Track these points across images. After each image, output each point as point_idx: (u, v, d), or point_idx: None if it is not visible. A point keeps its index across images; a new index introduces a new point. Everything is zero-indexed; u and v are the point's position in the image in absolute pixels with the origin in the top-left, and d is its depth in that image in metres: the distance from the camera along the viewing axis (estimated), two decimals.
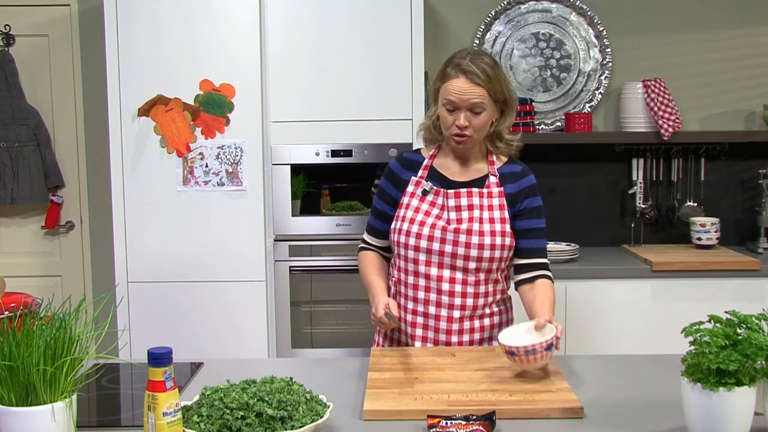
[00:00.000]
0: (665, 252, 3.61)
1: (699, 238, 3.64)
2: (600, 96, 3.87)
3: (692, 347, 1.47)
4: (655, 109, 3.65)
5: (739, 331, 1.46)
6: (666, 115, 3.64)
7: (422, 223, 2.17)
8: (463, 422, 1.54)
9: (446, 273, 2.17)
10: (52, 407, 1.41)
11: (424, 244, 2.16)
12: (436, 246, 2.16)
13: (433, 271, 2.17)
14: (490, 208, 2.18)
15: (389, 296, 2.21)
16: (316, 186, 3.43)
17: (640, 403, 1.76)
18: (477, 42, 3.84)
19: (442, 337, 2.19)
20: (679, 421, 1.60)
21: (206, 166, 3.31)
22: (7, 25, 3.83)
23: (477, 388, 1.81)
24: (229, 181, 3.32)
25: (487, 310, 2.21)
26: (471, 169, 2.24)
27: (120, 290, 3.34)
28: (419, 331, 2.20)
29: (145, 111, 3.29)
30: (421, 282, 2.19)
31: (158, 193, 3.32)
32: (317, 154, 3.36)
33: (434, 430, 1.53)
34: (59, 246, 3.96)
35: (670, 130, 3.61)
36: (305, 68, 3.33)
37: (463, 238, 2.14)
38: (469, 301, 2.17)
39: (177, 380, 1.47)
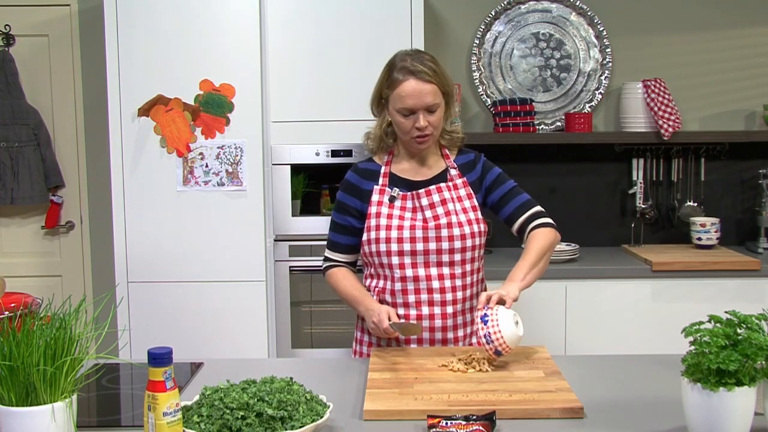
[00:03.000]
0: (665, 252, 3.61)
1: (699, 238, 3.64)
2: (600, 96, 3.87)
3: (692, 347, 1.47)
4: (655, 109, 3.65)
5: (739, 331, 1.46)
6: (666, 115, 3.64)
7: (400, 227, 2.17)
8: (463, 422, 1.54)
9: (433, 271, 2.17)
10: (52, 407, 1.41)
11: (407, 247, 2.17)
12: (419, 246, 2.16)
13: (421, 272, 2.17)
14: (460, 199, 2.21)
15: None
16: (316, 186, 3.43)
17: (640, 403, 1.76)
18: (477, 42, 3.84)
19: (438, 335, 2.19)
20: (679, 421, 1.60)
21: (206, 166, 3.31)
22: (7, 25, 3.84)
23: (477, 388, 1.81)
24: (229, 181, 3.32)
25: (474, 301, 2.23)
26: (429, 166, 2.26)
27: (120, 290, 3.34)
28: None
29: (145, 111, 3.29)
30: (410, 285, 2.18)
31: (158, 193, 3.32)
32: (317, 154, 3.36)
33: (434, 430, 1.53)
34: (59, 246, 3.96)
35: (670, 130, 3.61)
36: (305, 68, 3.33)
37: (444, 232, 2.16)
38: (459, 294, 2.19)
39: (177, 380, 1.47)
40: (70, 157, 3.92)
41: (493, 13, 3.84)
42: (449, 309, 2.18)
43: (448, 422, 1.54)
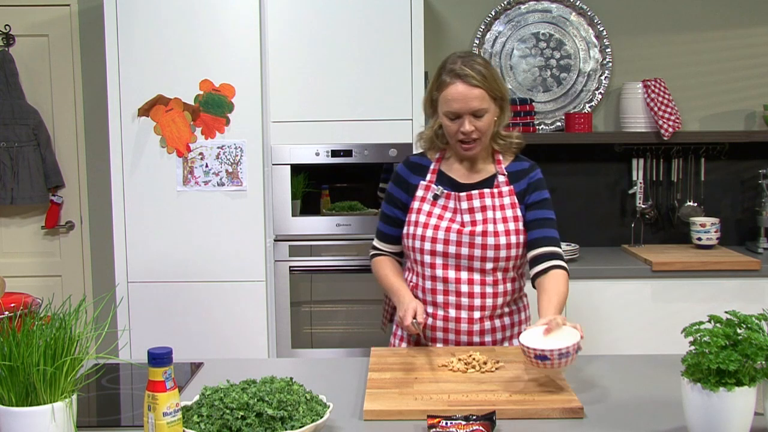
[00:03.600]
0: (665, 252, 3.61)
1: (699, 238, 3.64)
2: (600, 96, 3.87)
3: (692, 347, 1.47)
4: (655, 109, 3.65)
5: (739, 331, 1.46)
6: (666, 115, 3.64)
7: (436, 227, 2.17)
8: (463, 422, 1.54)
9: (464, 275, 2.17)
10: (52, 407, 1.41)
11: (440, 248, 2.16)
12: (452, 249, 2.16)
13: (451, 274, 2.17)
14: (502, 207, 2.18)
15: None
16: (316, 186, 3.43)
17: (640, 403, 1.76)
18: (477, 42, 3.84)
19: (464, 338, 2.19)
20: (679, 421, 1.60)
21: (206, 166, 3.31)
22: (7, 25, 3.84)
23: (477, 388, 1.81)
24: (229, 181, 3.32)
25: (506, 309, 2.22)
26: (479, 170, 2.24)
27: (120, 290, 3.34)
28: (439, 334, 2.21)
29: (145, 111, 3.29)
30: (439, 286, 2.19)
31: (158, 193, 3.32)
32: (317, 154, 3.36)
33: (434, 430, 1.53)
34: (59, 246, 3.96)
35: (670, 130, 3.61)
36: (305, 68, 3.33)
37: (478, 240, 2.14)
38: (488, 302, 2.18)
39: (177, 380, 1.47)
40: (70, 157, 3.92)
41: (493, 13, 3.84)
42: (476, 314, 2.18)
43: (448, 422, 1.54)
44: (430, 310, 2.20)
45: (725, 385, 1.41)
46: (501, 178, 2.21)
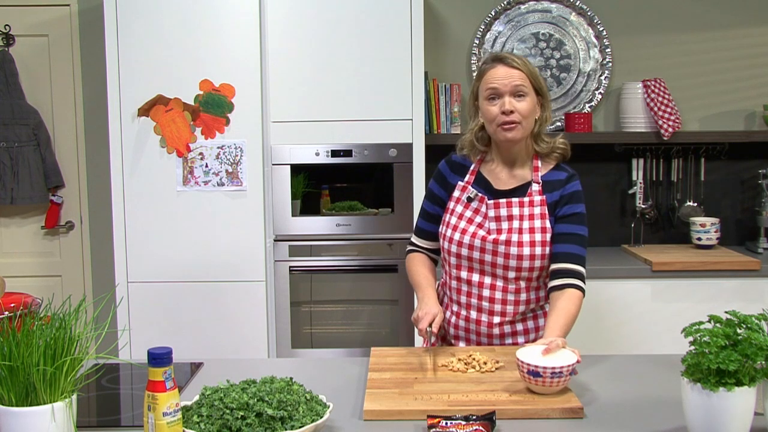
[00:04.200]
0: (665, 252, 3.61)
1: (699, 238, 3.64)
2: (600, 96, 3.87)
3: (692, 347, 1.47)
4: (655, 109, 3.65)
5: (739, 331, 1.46)
6: (666, 115, 3.64)
7: (464, 231, 2.17)
8: (463, 422, 1.54)
9: (487, 280, 2.18)
10: (52, 407, 1.41)
11: (465, 252, 2.17)
12: (476, 255, 2.16)
13: (475, 278, 2.19)
14: (531, 217, 2.15)
15: (438, 298, 2.22)
16: (316, 186, 3.43)
17: (640, 403, 1.76)
18: (477, 42, 3.83)
19: (484, 340, 2.22)
20: (679, 421, 1.60)
21: (206, 166, 3.31)
22: (7, 25, 3.84)
23: (477, 388, 1.81)
24: (229, 181, 3.32)
25: (528, 314, 2.22)
26: (516, 175, 2.21)
27: (120, 290, 3.34)
28: (461, 333, 2.24)
29: (145, 111, 3.29)
30: (464, 287, 2.21)
31: (158, 193, 3.32)
32: (317, 154, 3.36)
33: (434, 430, 1.53)
34: (59, 246, 3.96)
35: (670, 130, 3.61)
36: (305, 68, 3.33)
37: (502, 249, 2.13)
38: (509, 308, 2.18)
39: (177, 380, 1.47)
40: (70, 157, 3.92)
41: (493, 13, 3.84)
42: (496, 319, 2.18)
43: (448, 422, 1.54)
44: (454, 308, 2.24)
45: (725, 385, 1.41)
46: (535, 187, 2.17)
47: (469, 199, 2.20)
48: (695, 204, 3.85)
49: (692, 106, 3.87)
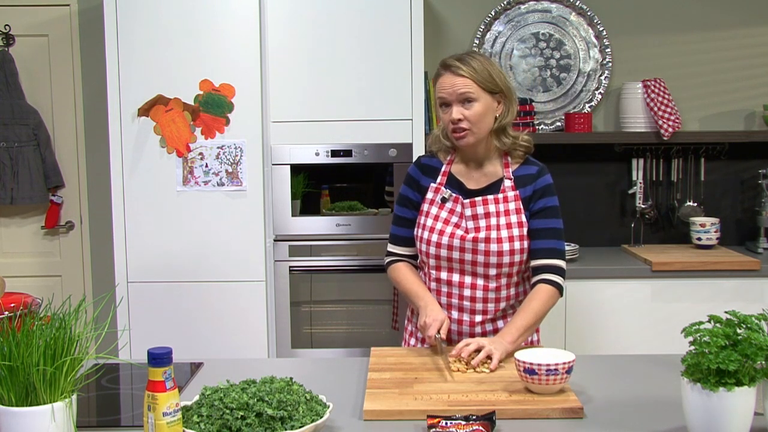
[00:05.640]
0: (665, 252, 3.61)
1: (699, 238, 3.64)
2: (600, 96, 3.87)
3: (692, 347, 1.47)
4: (655, 109, 3.65)
5: (739, 331, 1.46)
6: (666, 115, 3.64)
7: (441, 232, 2.17)
8: (463, 422, 1.54)
9: (467, 279, 2.18)
10: (52, 407, 1.41)
11: (444, 253, 2.17)
12: (456, 255, 2.16)
13: (455, 278, 2.19)
14: (507, 213, 2.17)
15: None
16: (316, 186, 3.43)
17: (640, 403, 1.76)
18: (477, 42, 3.84)
19: (464, 339, 2.19)
20: (679, 421, 1.60)
21: (206, 166, 3.31)
22: (7, 25, 3.84)
23: (477, 388, 1.81)
24: (229, 181, 3.32)
25: (510, 311, 2.22)
26: (487, 173, 2.22)
27: (120, 290, 3.34)
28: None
29: (145, 111, 3.29)
30: (444, 288, 2.21)
31: (158, 193, 3.32)
32: (317, 154, 3.36)
33: (434, 430, 1.53)
34: (59, 246, 3.96)
35: (670, 130, 3.61)
36: (305, 68, 3.33)
37: (481, 246, 2.14)
38: (490, 306, 2.19)
39: (177, 380, 1.47)
40: (70, 157, 3.92)
41: (493, 13, 3.84)
42: (477, 318, 2.19)
43: (448, 422, 1.54)
44: None
45: (725, 385, 1.41)
46: (507, 183, 2.19)
47: (444, 200, 2.21)
48: (695, 204, 3.85)
49: (692, 106, 3.87)
